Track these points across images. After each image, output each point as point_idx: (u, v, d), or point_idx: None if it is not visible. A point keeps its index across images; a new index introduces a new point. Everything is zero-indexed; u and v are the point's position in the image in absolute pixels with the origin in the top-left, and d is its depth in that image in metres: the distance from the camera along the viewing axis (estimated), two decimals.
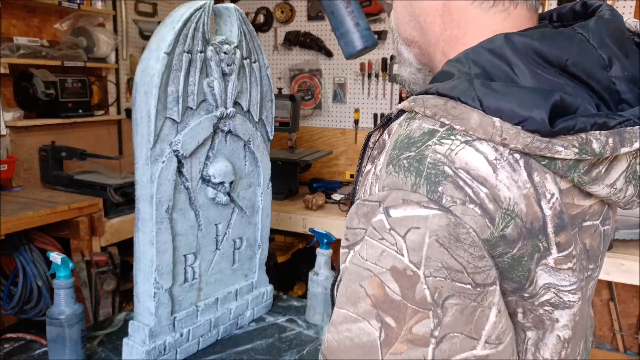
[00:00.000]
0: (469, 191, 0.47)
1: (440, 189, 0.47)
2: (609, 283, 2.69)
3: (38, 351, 1.28)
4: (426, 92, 0.53)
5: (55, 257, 1.18)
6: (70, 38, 2.57)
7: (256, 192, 1.48)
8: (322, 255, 1.50)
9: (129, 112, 2.96)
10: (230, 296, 1.43)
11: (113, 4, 2.82)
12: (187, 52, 1.15)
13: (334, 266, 3.72)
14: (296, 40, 3.24)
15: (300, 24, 3.27)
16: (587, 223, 0.56)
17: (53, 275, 1.18)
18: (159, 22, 1.31)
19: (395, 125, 0.56)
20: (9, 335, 1.34)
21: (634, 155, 0.53)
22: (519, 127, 0.47)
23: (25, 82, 2.37)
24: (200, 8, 1.16)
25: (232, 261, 1.44)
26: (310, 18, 3.22)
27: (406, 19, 0.65)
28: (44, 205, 2.03)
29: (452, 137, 0.49)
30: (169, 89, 1.13)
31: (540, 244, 0.50)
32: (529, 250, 0.50)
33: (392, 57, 3.01)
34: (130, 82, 2.98)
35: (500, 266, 0.50)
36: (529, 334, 0.55)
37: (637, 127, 0.48)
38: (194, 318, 1.31)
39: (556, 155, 0.48)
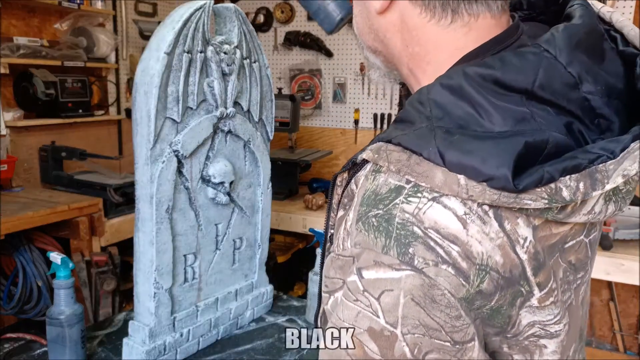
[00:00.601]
0: (441, 251, 0.46)
1: (411, 250, 0.47)
2: (609, 283, 2.69)
3: (38, 351, 1.28)
4: (390, 141, 0.51)
5: (55, 257, 1.18)
6: (70, 38, 2.57)
7: (256, 192, 1.47)
8: None
9: (129, 112, 2.96)
10: (230, 296, 1.43)
11: (113, 4, 2.82)
12: (187, 52, 1.15)
13: None
14: (296, 40, 3.24)
15: (300, 24, 3.27)
16: (570, 243, 0.55)
17: (53, 275, 1.18)
18: (159, 22, 1.31)
19: (361, 176, 0.55)
20: (9, 335, 1.34)
21: None
22: (485, 184, 0.46)
23: (25, 82, 2.37)
24: (200, 8, 1.16)
25: (232, 261, 1.44)
26: (310, 18, 3.22)
27: (366, 30, 0.63)
28: (44, 205, 2.03)
29: (419, 195, 0.48)
30: (169, 89, 1.13)
31: (522, 289, 0.50)
32: (508, 299, 0.49)
33: None
34: (130, 82, 2.98)
35: (480, 316, 0.49)
36: (517, 357, 0.55)
37: (610, 162, 0.46)
38: (194, 318, 1.31)
39: (525, 207, 0.47)
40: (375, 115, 3.14)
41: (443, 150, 0.47)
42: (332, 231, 0.63)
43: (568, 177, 0.46)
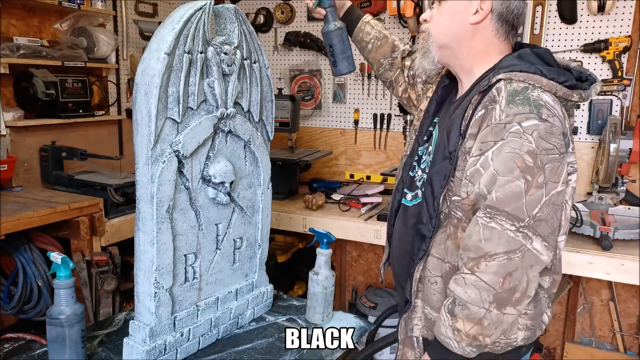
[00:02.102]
0: (552, 111, 1.08)
1: (540, 110, 1.06)
2: (609, 283, 2.69)
3: (38, 351, 1.29)
4: (512, 71, 1.12)
5: (56, 257, 1.18)
6: (70, 38, 2.57)
7: (256, 192, 1.48)
8: (322, 255, 1.50)
9: (129, 113, 2.96)
10: (231, 296, 1.43)
11: (113, 4, 2.82)
12: (188, 53, 1.15)
13: (334, 266, 3.69)
14: (296, 40, 3.23)
15: (300, 24, 3.27)
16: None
17: (53, 275, 1.19)
18: (159, 23, 1.32)
19: (501, 87, 1.11)
20: (9, 335, 1.34)
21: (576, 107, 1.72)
22: (562, 85, 1.11)
23: (25, 82, 2.37)
24: (201, 9, 1.16)
25: (232, 261, 1.44)
26: (310, 19, 3.22)
27: (450, 30, 1.21)
28: (44, 205, 2.03)
29: (537, 90, 1.10)
30: (170, 90, 1.14)
31: (568, 139, 1.12)
32: (566, 142, 1.10)
33: None
34: (130, 82, 2.98)
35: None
36: None
37: (587, 90, 1.16)
38: (194, 318, 1.32)
39: (572, 99, 1.14)
40: (375, 115, 3.14)
41: (544, 71, 1.11)
42: (463, 127, 1.14)
43: (582, 90, 1.16)
